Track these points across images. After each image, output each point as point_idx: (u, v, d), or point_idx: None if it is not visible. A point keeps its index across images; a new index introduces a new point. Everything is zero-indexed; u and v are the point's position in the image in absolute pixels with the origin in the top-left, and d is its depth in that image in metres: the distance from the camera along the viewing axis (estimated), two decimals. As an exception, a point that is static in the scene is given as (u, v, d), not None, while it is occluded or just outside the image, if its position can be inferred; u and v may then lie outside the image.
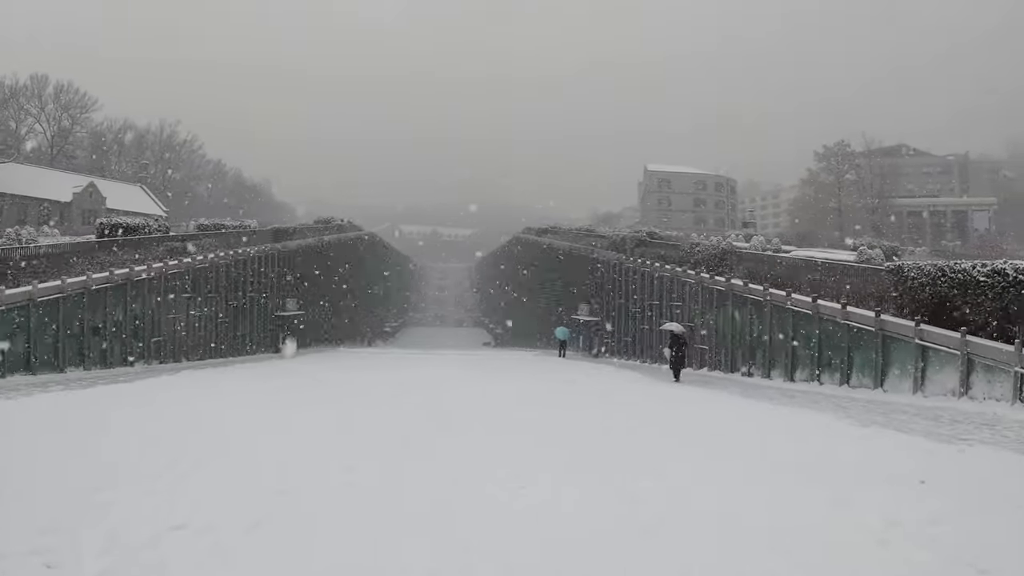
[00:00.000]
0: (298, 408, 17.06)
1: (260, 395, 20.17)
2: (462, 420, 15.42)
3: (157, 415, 15.08)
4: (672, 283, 37.87)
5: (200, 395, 19.45)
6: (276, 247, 48.05)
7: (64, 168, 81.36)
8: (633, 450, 12.31)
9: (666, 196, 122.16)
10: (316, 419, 15.21)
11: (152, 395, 19.04)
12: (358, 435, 13.28)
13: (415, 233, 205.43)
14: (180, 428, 13.32)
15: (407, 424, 14.58)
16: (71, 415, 14.78)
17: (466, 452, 11.71)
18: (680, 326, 30.01)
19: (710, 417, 17.18)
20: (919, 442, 12.87)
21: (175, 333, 34.77)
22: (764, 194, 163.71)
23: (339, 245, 66.16)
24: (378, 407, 17.65)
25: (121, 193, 76.86)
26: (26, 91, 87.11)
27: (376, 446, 12.16)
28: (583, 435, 13.75)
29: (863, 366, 23.95)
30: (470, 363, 37.58)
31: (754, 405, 19.30)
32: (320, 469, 10.26)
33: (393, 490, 9.21)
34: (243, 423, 14.38)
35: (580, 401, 20.78)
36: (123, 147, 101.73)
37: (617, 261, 46.39)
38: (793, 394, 22.63)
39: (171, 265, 34.32)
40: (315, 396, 20.00)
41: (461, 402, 19.11)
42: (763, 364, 29.43)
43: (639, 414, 17.73)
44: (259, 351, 44.08)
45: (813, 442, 13.21)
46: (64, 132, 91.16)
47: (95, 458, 10.38)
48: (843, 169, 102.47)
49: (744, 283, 31.00)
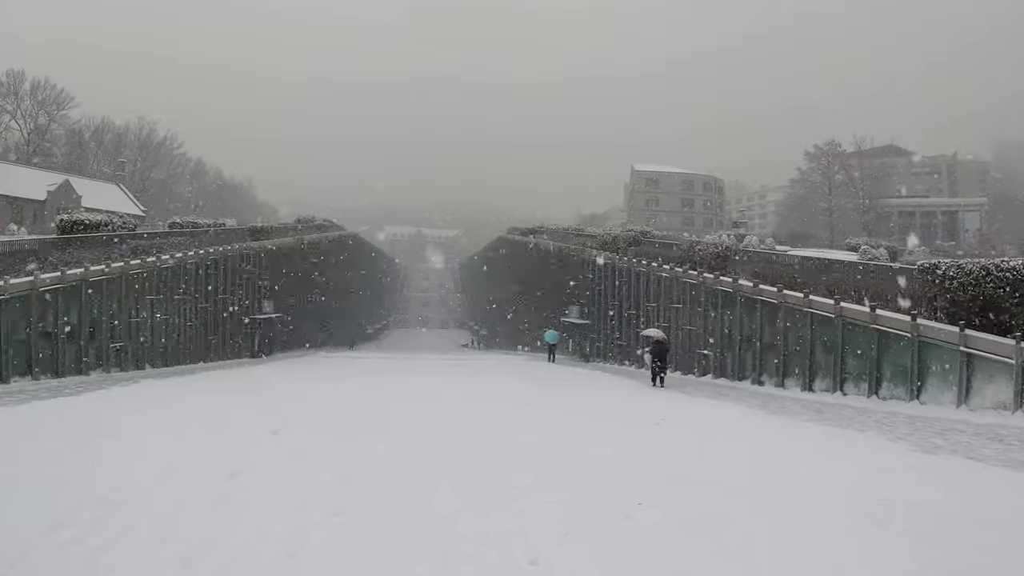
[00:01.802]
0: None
1: (209, 412, 17.65)
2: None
3: (69, 445, 12.61)
4: (672, 284, 35.57)
5: (136, 416, 16.71)
6: (252, 246, 45.52)
7: (40, 166, 78.61)
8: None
9: (654, 196, 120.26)
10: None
11: (83, 414, 16.60)
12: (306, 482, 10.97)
13: (399, 234, 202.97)
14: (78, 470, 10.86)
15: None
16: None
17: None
18: (661, 332, 29.65)
19: (746, 448, 14.60)
20: (1014, 477, 10.65)
21: (138, 339, 32.20)
22: (751, 194, 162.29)
23: (320, 245, 63.58)
24: (345, 436, 14.79)
25: (97, 192, 74.28)
26: (1, 87, 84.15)
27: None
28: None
29: (895, 375, 21.76)
30: (451, 372, 35.77)
31: (789, 426, 16.83)
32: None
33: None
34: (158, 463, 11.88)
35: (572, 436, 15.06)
36: (101, 145, 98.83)
37: (610, 261, 44.07)
38: (819, 407, 20.28)
39: (133, 265, 31.62)
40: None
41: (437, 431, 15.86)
42: (776, 372, 27.12)
43: (657, 449, 15.04)
44: (234, 356, 41.56)
45: (883, 480, 10.78)
46: (41, 129, 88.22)
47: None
48: (833, 169, 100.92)
49: (754, 284, 28.70)
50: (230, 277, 42.13)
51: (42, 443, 12.49)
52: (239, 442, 13.29)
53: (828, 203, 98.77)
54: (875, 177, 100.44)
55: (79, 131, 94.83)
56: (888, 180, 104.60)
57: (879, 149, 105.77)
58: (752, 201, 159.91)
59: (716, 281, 31.42)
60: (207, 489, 9.53)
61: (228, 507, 8.79)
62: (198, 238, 39.72)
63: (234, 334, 42.99)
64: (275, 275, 49.78)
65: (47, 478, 9.82)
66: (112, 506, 8.60)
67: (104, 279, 29.63)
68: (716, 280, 31.45)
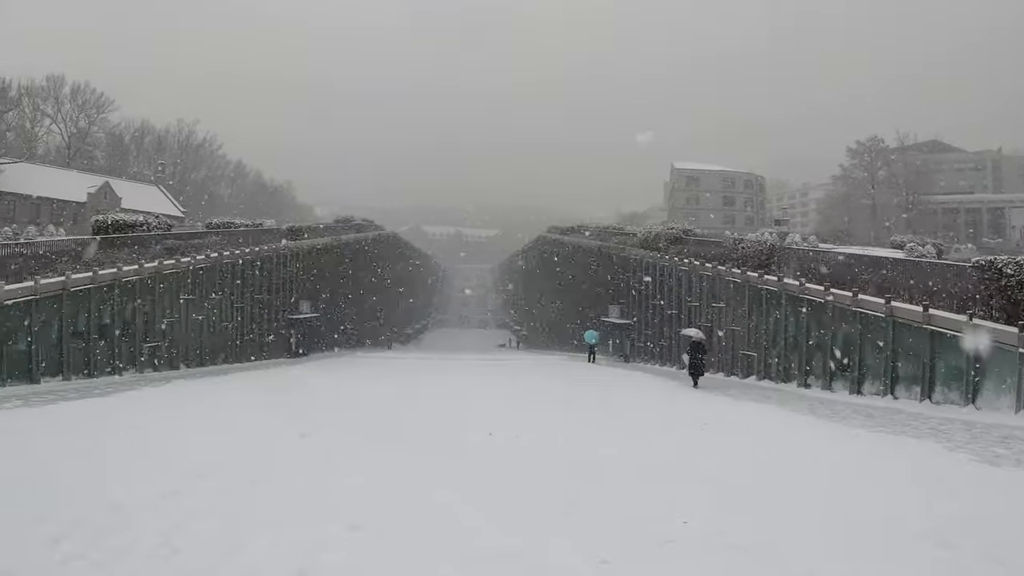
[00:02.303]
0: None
1: (237, 415, 17.22)
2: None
3: (86, 448, 12.13)
4: (714, 283, 34.70)
5: (160, 419, 16.28)
6: (288, 246, 45.28)
7: (80, 169, 79.87)
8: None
9: (694, 194, 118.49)
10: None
11: (107, 416, 16.23)
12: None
13: (438, 234, 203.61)
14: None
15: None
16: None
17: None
18: (700, 332, 29.04)
19: (795, 456, 13.82)
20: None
21: (172, 339, 32.06)
22: (792, 192, 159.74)
23: (358, 244, 63.30)
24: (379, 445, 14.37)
25: (137, 193, 75.20)
26: (42, 92, 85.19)
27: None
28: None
29: (949, 379, 20.77)
30: (487, 372, 35.09)
31: (839, 433, 15.89)
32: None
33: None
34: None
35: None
36: (141, 148, 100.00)
37: (651, 260, 43.17)
38: (869, 412, 19.36)
39: (166, 265, 31.51)
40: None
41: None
42: (823, 374, 26.18)
43: (700, 458, 14.02)
44: (270, 356, 41.40)
45: (947, 495, 9.98)
46: (81, 133, 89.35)
47: None
48: (876, 165, 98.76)
49: (800, 282, 27.75)
50: (266, 277, 41.98)
51: (59, 445, 12.15)
52: (264, 447, 12.85)
53: (871, 200, 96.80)
54: (918, 173, 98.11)
55: (119, 134, 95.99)
56: (931, 176, 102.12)
57: (922, 144, 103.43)
58: (794, 199, 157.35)
59: (760, 280, 30.53)
60: (223, 498, 9.09)
61: (243, 518, 8.29)
62: (234, 238, 39.58)
63: (271, 334, 42.84)
64: (312, 275, 49.58)
65: (58, 484, 9.44)
66: (121, 515, 8.17)
67: (137, 279, 29.51)
68: (760, 279, 30.56)
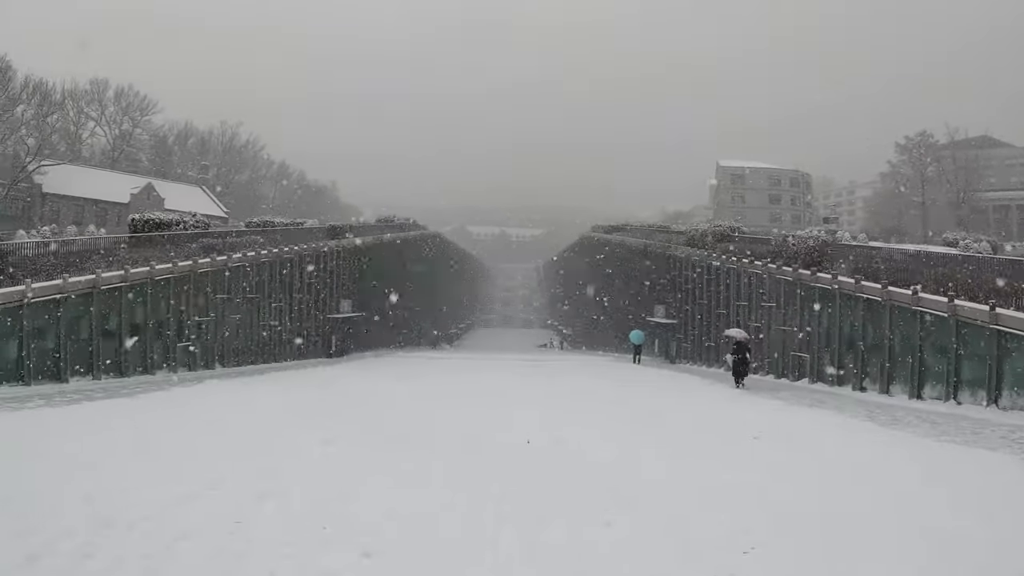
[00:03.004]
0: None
1: (259, 418, 16.50)
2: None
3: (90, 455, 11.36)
4: (765, 281, 33.40)
5: (175, 423, 15.49)
6: (329, 245, 44.77)
7: (125, 170, 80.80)
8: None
9: (740, 193, 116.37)
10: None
11: (125, 418, 15.65)
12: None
13: (483, 234, 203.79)
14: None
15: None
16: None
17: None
18: (744, 333, 28.87)
19: (860, 469, 12.66)
20: None
21: (207, 338, 31.58)
22: (838, 191, 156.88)
23: (400, 244, 62.77)
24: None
25: (180, 194, 75.64)
26: (86, 95, 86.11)
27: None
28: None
29: (1018, 382, 19.40)
30: (527, 373, 33.95)
31: (904, 443, 14.78)
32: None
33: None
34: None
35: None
36: (185, 150, 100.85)
37: (699, 258, 41.88)
38: (933, 419, 18.00)
39: (201, 264, 30.92)
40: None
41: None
42: (880, 377, 24.68)
43: (757, 472, 12.56)
44: (310, 356, 40.84)
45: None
46: (125, 135, 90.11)
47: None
48: (925, 161, 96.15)
49: (856, 280, 26.40)
50: (306, 276, 41.41)
51: (63, 450, 11.59)
52: (280, 454, 12.07)
53: (921, 197, 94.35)
54: (968, 169, 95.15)
55: (163, 136, 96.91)
56: (981, 172, 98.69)
57: (971, 140, 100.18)
58: (840, 197, 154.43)
59: (813, 277, 29.11)
60: (223, 515, 8.27)
61: (239, 539, 7.51)
62: (273, 237, 39.14)
63: (310, 334, 42.25)
64: (354, 274, 49.04)
65: (51, 494, 8.78)
66: (109, 532, 7.45)
67: (171, 277, 29.06)
68: (813, 276, 29.17)
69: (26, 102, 66.17)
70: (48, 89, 72.71)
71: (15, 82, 64.39)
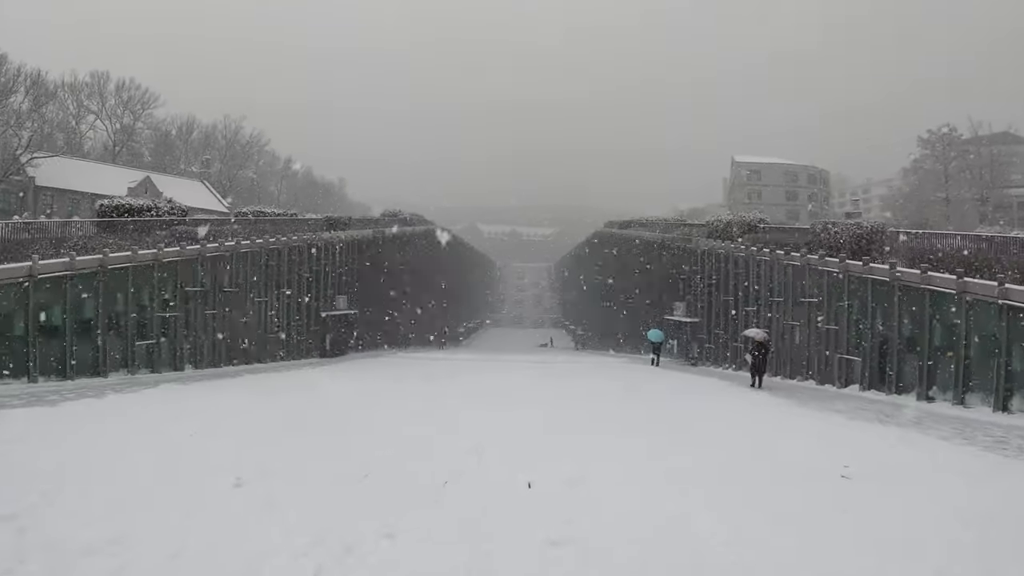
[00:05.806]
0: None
1: (181, 441, 12.73)
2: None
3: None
4: (803, 274, 29.80)
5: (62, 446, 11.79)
6: (324, 237, 41.43)
7: (125, 164, 79.12)
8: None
9: (756, 189, 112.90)
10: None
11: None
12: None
13: (494, 233, 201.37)
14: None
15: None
16: None
17: None
18: (763, 332, 27.91)
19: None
20: None
21: (174, 336, 28.27)
22: (854, 188, 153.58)
23: (405, 239, 59.09)
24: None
25: (180, 188, 72.81)
26: (86, 88, 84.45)
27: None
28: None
29: None
30: (534, 375, 31.13)
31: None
32: None
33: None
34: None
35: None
36: (188, 144, 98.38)
37: (723, 250, 38.20)
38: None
39: (168, 252, 27.51)
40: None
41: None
42: (953, 385, 21.09)
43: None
44: (300, 356, 37.58)
45: None
46: (127, 129, 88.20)
47: None
48: (949, 156, 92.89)
49: (922, 271, 22.74)
50: (296, 269, 37.98)
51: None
52: (162, 506, 8.52)
53: (944, 192, 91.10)
54: (992, 165, 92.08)
55: (165, 130, 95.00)
56: (1004, 168, 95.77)
57: (994, 136, 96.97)
58: (856, 196, 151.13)
59: (866, 268, 25.51)
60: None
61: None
62: (261, 227, 35.76)
63: (301, 332, 38.78)
64: (351, 269, 45.67)
65: None
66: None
67: (129, 267, 25.64)
68: (866, 267, 25.58)
69: (19, 92, 64.53)
70: (42, 79, 70.44)
71: (8, 72, 62.66)
